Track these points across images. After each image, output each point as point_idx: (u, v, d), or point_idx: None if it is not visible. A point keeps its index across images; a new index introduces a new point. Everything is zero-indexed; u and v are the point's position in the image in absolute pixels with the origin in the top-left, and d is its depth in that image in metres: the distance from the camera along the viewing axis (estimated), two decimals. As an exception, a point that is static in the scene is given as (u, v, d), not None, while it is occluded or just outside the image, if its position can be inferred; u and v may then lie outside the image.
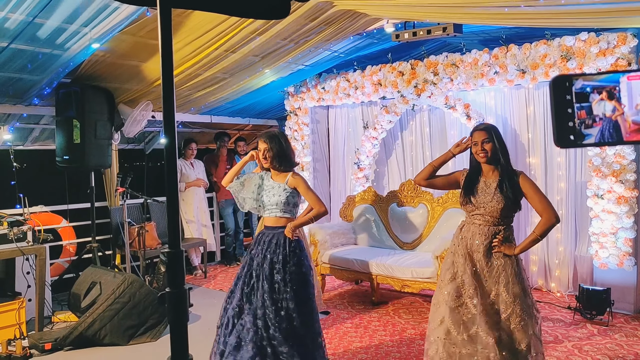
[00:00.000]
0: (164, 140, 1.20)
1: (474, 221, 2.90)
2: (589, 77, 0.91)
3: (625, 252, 4.58)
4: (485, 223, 2.85)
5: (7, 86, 4.49)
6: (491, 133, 2.86)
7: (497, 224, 2.84)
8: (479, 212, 2.87)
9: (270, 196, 3.23)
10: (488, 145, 2.85)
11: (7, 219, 4.27)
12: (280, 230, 3.19)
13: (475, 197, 2.88)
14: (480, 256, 2.82)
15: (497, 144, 2.86)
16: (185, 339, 1.21)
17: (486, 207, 2.83)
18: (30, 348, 3.95)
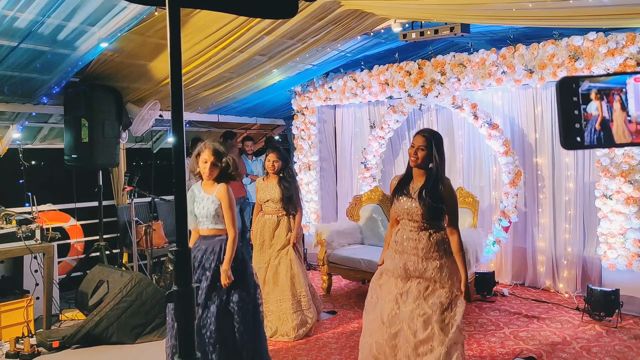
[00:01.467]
0: (173, 139, 1.20)
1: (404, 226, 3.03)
2: (595, 79, 0.91)
3: (634, 253, 4.54)
4: (413, 228, 2.97)
5: (16, 85, 4.52)
6: (430, 142, 2.93)
7: (425, 228, 2.95)
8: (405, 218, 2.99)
9: (201, 208, 3.22)
10: (422, 152, 2.94)
11: (16, 217, 4.30)
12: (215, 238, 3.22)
13: (399, 201, 2.99)
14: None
15: (435, 153, 2.93)
16: (193, 338, 1.22)
17: (409, 211, 2.95)
18: (38, 346, 3.98)
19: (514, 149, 5.38)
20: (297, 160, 7.14)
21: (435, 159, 2.92)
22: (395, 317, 2.91)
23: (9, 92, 4.58)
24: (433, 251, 2.92)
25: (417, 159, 2.94)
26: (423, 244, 2.93)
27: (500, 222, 5.39)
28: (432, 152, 2.92)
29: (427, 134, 2.97)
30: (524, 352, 3.81)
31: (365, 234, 5.84)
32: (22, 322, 4.19)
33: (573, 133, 0.91)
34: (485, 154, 5.74)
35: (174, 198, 1.22)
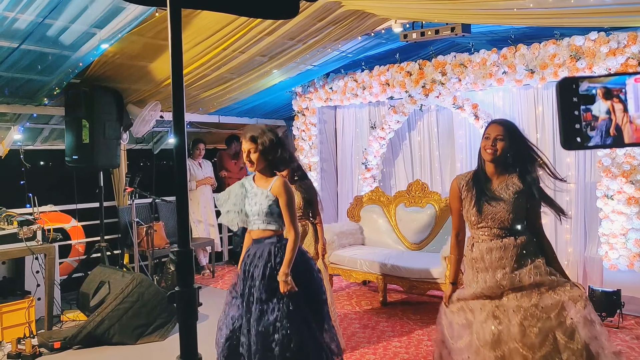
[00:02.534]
0: (174, 140, 1.20)
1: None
2: (595, 79, 0.91)
3: (636, 254, 4.54)
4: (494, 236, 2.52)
5: (17, 86, 4.53)
6: (507, 131, 2.48)
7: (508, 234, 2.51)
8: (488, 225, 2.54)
9: (252, 205, 2.80)
10: (501, 143, 2.48)
11: (17, 218, 4.30)
12: (265, 241, 2.80)
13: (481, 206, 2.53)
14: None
15: (518, 143, 2.49)
16: (194, 338, 1.22)
17: (494, 217, 2.50)
18: (39, 346, 3.98)
19: (515, 149, 5.37)
20: (298, 161, 7.14)
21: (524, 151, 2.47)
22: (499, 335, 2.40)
23: (10, 94, 4.59)
24: (523, 258, 2.48)
25: (495, 153, 2.48)
26: (512, 251, 2.47)
27: (501, 223, 5.38)
28: (510, 141, 2.47)
29: (503, 122, 2.54)
30: (525, 353, 3.80)
31: (366, 235, 5.84)
32: (24, 322, 4.18)
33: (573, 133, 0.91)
34: (486, 154, 5.72)
35: (176, 199, 1.22)
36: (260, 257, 2.76)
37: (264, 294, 2.68)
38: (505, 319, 2.41)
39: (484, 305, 2.48)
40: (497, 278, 2.46)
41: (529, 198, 2.51)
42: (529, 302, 2.38)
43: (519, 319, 2.36)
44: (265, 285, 2.69)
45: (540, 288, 2.41)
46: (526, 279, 2.42)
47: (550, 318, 2.34)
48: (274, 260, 2.73)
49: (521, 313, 2.38)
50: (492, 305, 2.46)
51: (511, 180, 2.53)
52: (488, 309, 2.46)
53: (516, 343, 2.34)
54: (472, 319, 2.51)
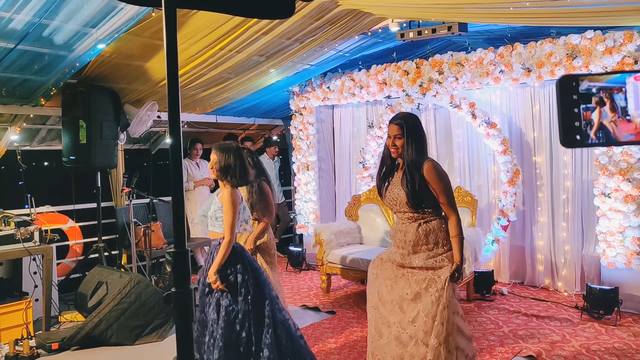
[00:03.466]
0: (170, 140, 1.20)
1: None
2: (595, 78, 0.91)
3: (633, 251, 4.55)
4: (404, 220, 2.88)
5: (14, 87, 4.52)
6: (404, 128, 2.80)
7: (416, 218, 2.85)
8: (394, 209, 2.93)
9: (209, 209, 3.32)
10: (399, 141, 2.81)
11: (14, 219, 4.29)
12: (213, 243, 3.23)
13: (387, 193, 2.91)
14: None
15: (411, 139, 2.79)
16: (191, 339, 1.22)
17: (395, 202, 2.87)
18: (37, 348, 3.97)
19: (512, 147, 5.38)
20: (295, 161, 7.14)
21: (410, 144, 2.78)
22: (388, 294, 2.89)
23: (6, 94, 4.58)
24: (422, 244, 2.82)
25: (398, 148, 2.81)
26: (410, 236, 2.83)
27: (499, 221, 5.39)
28: (408, 137, 2.78)
29: (400, 120, 2.82)
30: (523, 351, 3.82)
31: (364, 234, 5.84)
32: (21, 324, 4.18)
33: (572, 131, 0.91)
34: (483, 153, 5.74)
35: (172, 199, 1.22)
36: (210, 254, 3.19)
37: (206, 288, 3.09)
38: (396, 285, 2.86)
39: (389, 270, 2.93)
40: (397, 256, 2.92)
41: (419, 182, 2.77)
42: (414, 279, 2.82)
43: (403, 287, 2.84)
44: (205, 281, 3.10)
45: (427, 270, 2.81)
46: (415, 263, 2.83)
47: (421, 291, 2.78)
48: (211, 261, 3.10)
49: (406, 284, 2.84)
50: (394, 273, 2.90)
51: (409, 170, 2.81)
52: (389, 273, 2.91)
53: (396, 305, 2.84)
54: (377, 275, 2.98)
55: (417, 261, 2.83)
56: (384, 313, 2.88)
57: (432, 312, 2.72)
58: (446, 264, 2.79)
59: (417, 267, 2.83)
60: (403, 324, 2.78)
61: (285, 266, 6.61)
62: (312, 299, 5.35)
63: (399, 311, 2.81)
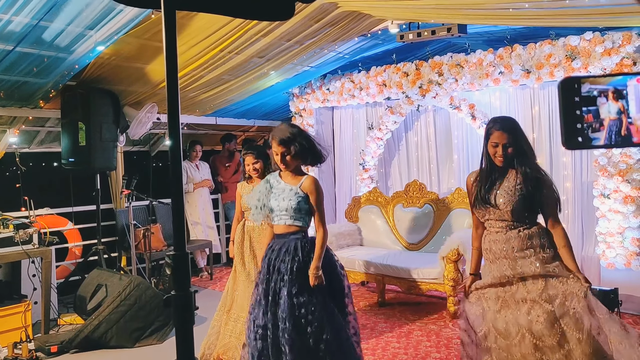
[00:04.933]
0: (169, 142, 1.20)
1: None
2: (597, 80, 0.91)
3: (633, 252, 4.55)
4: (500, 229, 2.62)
5: (13, 89, 4.51)
6: (513, 135, 2.54)
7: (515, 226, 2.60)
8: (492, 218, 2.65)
9: (280, 200, 2.87)
10: (511, 149, 2.55)
11: (13, 221, 4.29)
12: (290, 237, 2.87)
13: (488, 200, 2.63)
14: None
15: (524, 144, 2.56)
16: (191, 342, 1.21)
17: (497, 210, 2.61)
18: (36, 351, 3.96)
19: (511, 149, 5.38)
20: (295, 162, 7.13)
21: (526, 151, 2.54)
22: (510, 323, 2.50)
23: (5, 96, 4.57)
24: (527, 247, 2.55)
25: (506, 158, 2.56)
26: (514, 243, 2.57)
27: (498, 223, 5.38)
28: (518, 144, 2.53)
29: (506, 126, 2.57)
30: (523, 353, 3.80)
31: (364, 235, 5.84)
32: (20, 327, 4.16)
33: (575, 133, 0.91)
34: (483, 154, 5.73)
35: (172, 201, 1.22)
36: (287, 251, 2.81)
37: (294, 287, 2.73)
38: (515, 309, 2.50)
39: (497, 295, 2.59)
40: (502, 268, 2.57)
41: (533, 191, 2.56)
42: (534, 293, 2.47)
43: (527, 309, 2.45)
44: (294, 279, 2.74)
45: (544, 278, 2.49)
46: (528, 270, 2.51)
47: (554, 309, 2.42)
48: (301, 255, 2.79)
49: (527, 303, 2.47)
50: (504, 294, 2.56)
51: (512, 175, 2.61)
52: (501, 298, 2.57)
53: (525, 332, 2.43)
54: (487, 308, 2.61)
55: (531, 267, 2.51)
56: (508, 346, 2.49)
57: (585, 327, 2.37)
58: (565, 272, 2.51)
59: (530, 276, 2.51)
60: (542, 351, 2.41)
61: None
62: (312, 301, 5.33)
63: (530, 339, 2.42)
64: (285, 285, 2.74)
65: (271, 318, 2.74)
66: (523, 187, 2.56)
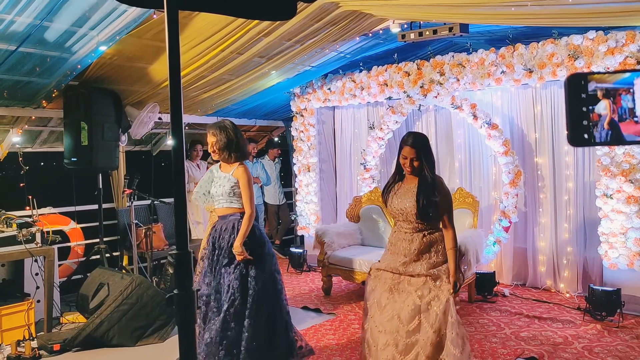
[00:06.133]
0: (172, 141, 1.20)
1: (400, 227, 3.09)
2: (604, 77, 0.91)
3: (636, 252, 4.54)
4: (408, 230, 3.04)
5: (15, 89, 4.52)
6: (420, 151, 2.98)
7: (421, 229, 3.01)
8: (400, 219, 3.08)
9: (217, 187, 3.38)
10: (416, 162, 2.99)
11: (16, 220, 4.30)
12: (229, 218, 3.37)
13: (392, 202, 3.07)
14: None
15: (425, 160, 2.99)
16: (193, 340, 1.22)
17: (403, 212, 3.02)
18: (39, 349, 3.97)
19: (513, 148, 5.38)
20: (296, 162, 7.14)
21: (425, 165, 2.99)
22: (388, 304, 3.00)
23: (8, 96, 4.59)
24: (425, 252, 3.00)
25: (413, 169, 3.01)
26: (416, 245, 2.99)
27: (500, 222, 5.39)
28: (422, 159, 2.98)
29: (415, 143, 3.00)
30: (525, 353, 3.81)
31: (365, 235, 5.84)
32: (23, 325, 4.18)
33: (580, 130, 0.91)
34: (484, 154, 5.74)
35: (174, 201, 1.22)
36: (226, 229, 3.33)
37: (226, 259, 3.29)
38: (396, 295, 2.98)
39: (387, 279, 3.05)
40: (397, 263, 3.02)
41: (433, 199, 2.95)
42: (414, 287, 2.94)
43: (404, 298, 2.95)
44: (228, 252, 3.29)
45: (426, 277, 2.94)
46: (417, 270, 2.97)
47: (420, 304, 2.89)
48: (236, 233, 3.29)
49: (405, 294, 2.96)
50: (392, 282, 3.02)
51: (416, 183, 3.01)
52: (389, 283, 3.03)
53: (395, 314, 2.93)
54: (377, 286, 3.08)
55: (419, 269, 2.97)
56: (381, 321, 2.97)
57: (435, 325, 2.84)
58: (445, 275, 2.95)
59: (416, 275, 2.97)
60: (401, 332, 2.89)
61: (287, 267, 6.61)
62: (313, 301, 5.34)
63: (397, 321, 2.92)
64: (226, 258, 3.28)
65: (215, 286, 3.30)
66: (425, 194, 2.95)
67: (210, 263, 3.37)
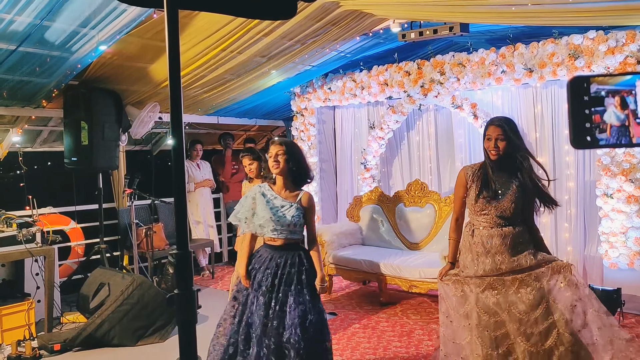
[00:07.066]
0: (172, 141, 1.20)
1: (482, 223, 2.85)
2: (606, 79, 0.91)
3: (636, 252, 4.53)
4: (495, 224, 2.80)
5: (15, 89, 4.52)
6: (506, 130, 2.76)
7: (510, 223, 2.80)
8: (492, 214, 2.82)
9: (280, 215, 2.89)
10: (502, 143, 2.76)
11: (16, 220, 4.30)
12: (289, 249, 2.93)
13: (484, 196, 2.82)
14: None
15: (513, 140, 2.76)
16: (194, 340, 1.22)
17: (497, 207, 2.79)
18: (39, 349, 3.98)
19: (514, 148, 5.37)
20: (297, 162, 7.12)
21: (517, 145, 2.75)
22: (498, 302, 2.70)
23: (8, 96, 4.59)
24: (520, 243, 2.78)
25: (499, 150, 2.76)
26: (508, 239, 2.76)
27: (501, 222, 5.38)
28: (512, 139, 2.75)
29: (500, 123, 2.79)
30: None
31: (365, 235, 5.84)
32: (24, 325, 4.18)
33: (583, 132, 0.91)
34: (485, 153, 5.72)
35: (174, 201, 1.22)
36: (292, 264, 2.88)
37: (303, 296, 2.84)
38: (502, 289, 2.72)
39: (482, 281, 2.77)
40: (497, 262, 2.76)
41: (526, 191, 2.79)
42: (524, 275, 2.72)
43: (516, 287, 2.71)
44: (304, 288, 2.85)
45: (535, 269, 2.73)
46: (524, 263, 2.74)
47: (542, 286, 2.67)
48: (306, 266, 2.91)
49: (517, 283, 2.71)
50: (490, 279, 2.76)
51: (513, 175, 2.81)
52: (486, 282, 2.76)
53: (512, 307, 2.67)
54: (470, 291, 2.80)
55: (526, 260, 2.74)
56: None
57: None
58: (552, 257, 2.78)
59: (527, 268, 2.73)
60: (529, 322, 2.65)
61: (287, 267, 6.60)
62: (314, 300, 5.34)
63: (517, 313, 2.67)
64: (293, 295, 2.81)
65: (275, 326, 2.77)
66: (520, 188, 2.76)
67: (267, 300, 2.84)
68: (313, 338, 2.79)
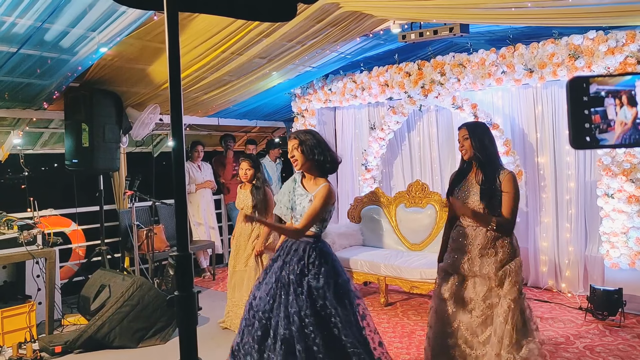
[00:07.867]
0: (172, 142, 1.20)
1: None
2: (606, 80, 0.91)
3: (637, 252, 4.53)
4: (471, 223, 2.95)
5: (16, 91, 4.53)
6: (470, 130, 2.94)
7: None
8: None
9: (296, 204, 2.92)
10: (467, 142, 2.94)
11: (17, 222, 4.30)
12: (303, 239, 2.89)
13: (456, 195, 3.00)
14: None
15: (476, 142, 2.91)
16: (194, 342, 1.22)
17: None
18: (40, 351, 3.98)
19: (514, 148, 5.37)
20: (297, 163, 7.13)
21: (478, 147, 2.88)
22: (453, 315, 2.93)
23: (9, 98, 4.59)
24: (489, 248, 2.87)
25: (465, 149, 2.93)
26: (479, 240, 2.89)
27: (501, 222, 5.37)
28: (476, 140, 2.88)
29: (466, 124, 3.00)
30: (527, 353, 3.80)
31: (366, 236, 5.83)
32: (25, 327, 4.18)
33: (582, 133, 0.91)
34: (486, 154, 5.72)
35: (175, 202, 1.22)
36: (296, 250, 2.84)
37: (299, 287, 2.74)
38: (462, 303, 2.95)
39: (446, 274, 3.02)
40: (462, 261, 2.93)
41: (497, 193, 2.88)
42: (479, 296, 2.89)
43: (470, 308, 2.91)
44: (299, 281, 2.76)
45: (490, 280, 2.86)
46: (485, 270, 2.86)
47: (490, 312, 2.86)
48: (306, 260, 2.80)
49: (471, 304, 2.91)
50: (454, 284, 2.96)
51: (481, 177, 2.94)
52: (452, 289, 2.97)
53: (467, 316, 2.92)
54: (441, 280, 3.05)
55: (487, 268, 2.86)
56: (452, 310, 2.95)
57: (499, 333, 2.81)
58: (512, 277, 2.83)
59: (484, 276, 2.88)
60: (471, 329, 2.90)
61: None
62: (315, 301, 5.33)
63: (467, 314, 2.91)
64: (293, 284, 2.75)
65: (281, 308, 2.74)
66: (488, 189, 2.89)
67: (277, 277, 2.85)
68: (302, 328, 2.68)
